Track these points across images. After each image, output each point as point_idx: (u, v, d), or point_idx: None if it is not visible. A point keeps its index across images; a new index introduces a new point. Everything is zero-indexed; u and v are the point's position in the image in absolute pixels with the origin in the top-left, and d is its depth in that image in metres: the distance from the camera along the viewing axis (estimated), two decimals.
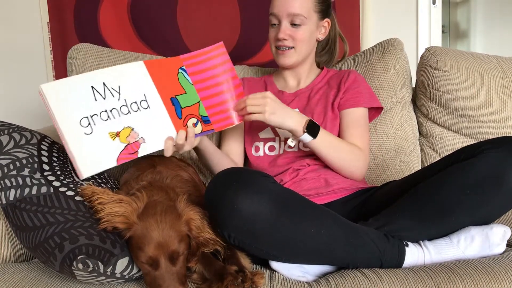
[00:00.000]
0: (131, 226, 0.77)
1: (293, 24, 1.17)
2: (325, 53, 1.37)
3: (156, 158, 1.05)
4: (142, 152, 0.93)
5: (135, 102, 0.93)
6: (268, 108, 1.00)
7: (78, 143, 0.85)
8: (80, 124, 0.86)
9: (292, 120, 1.03)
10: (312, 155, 1.14)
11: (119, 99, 0.91)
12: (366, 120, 1.22)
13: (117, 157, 0.89)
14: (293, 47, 1.20)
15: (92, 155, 0.87)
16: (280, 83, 1.33)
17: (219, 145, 1.34)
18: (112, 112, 0.90)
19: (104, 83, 0.90)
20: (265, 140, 1.21)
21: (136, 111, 0.93)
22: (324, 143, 1.07)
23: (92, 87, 0.88)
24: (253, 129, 1.24)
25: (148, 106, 0.95)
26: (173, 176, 0.96)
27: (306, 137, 1.04)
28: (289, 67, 1.26)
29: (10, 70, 1.94)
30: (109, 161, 0.88)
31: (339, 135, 1.20)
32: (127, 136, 0.91)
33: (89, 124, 0.87)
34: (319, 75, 1.30)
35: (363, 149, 1.15)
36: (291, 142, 1.09)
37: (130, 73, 0.95)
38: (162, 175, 0.96)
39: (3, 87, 1.95)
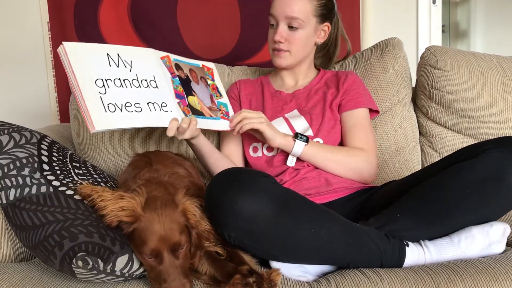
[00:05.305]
0: (137, 219, 0.77)
1: (290, 27, 1.17)
2: (321, 56, 1.37)
3: (151, 155, 1.05)
4: (145, 122, 0.95)
5: (145, 80, 0.99)
6: (265, 120, 1.08)
7: (93, 99, 0.88)
8: (95, 83, 0.90)
9: (281, 137, 1.10)
10: None
11: (130, 71, 0.97)
12: (369, 120, 1.23)
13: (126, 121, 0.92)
14: (288, 51, 1.20)
15: (103, 112, 0.88)
16: (277, 82, 1.33)
17: (218, 148, 1.33)
18: (124, 82, 0.95)
19: (118, 54, 0.97)
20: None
21: (146, 87, 0.98)
22: (318, 148, 1.12)
23: (108, 54, 0.95)
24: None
25: (156, 86, 1.01)
26: (170, 174, 0.97)
27: (299, 145, 1.09)
28: (284, 68, 1.27)
29: (10, 70, 1.94)
30: (119, 123, 0.90)
31: (342, 139, 1.20)
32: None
33: (103, 85, 0.91)
34: (317, 76, 1.30)
35: (368, 150, 1.16)
36: (290, 162, 1.13)
37: (143, 54, 1.03)
38: (160, 172, 0.96)
39: (3, 87, 1.95)
